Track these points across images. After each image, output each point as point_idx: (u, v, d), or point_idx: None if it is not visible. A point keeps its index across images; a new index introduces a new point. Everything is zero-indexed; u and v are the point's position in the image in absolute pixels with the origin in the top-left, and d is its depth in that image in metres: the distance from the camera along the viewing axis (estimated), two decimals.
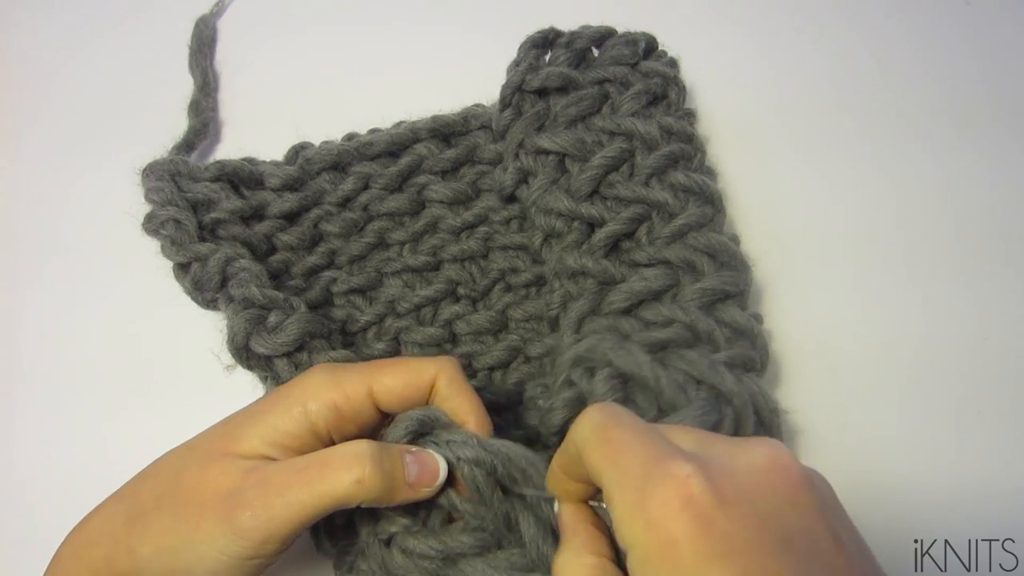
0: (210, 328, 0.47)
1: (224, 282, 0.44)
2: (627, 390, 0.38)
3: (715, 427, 0.36)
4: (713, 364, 0.38)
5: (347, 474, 0.34)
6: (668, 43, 0.53)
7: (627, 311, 0.44)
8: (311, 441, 0.37)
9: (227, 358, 0.44)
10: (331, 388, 0.37)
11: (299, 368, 0.42)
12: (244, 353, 0.43)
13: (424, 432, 0.38)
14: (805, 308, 0.52)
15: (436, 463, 0.36)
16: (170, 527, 0.34)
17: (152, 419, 0.49)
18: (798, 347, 0.51)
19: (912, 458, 0.47)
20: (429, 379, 0.38)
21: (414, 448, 0.37)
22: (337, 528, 0.40)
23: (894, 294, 0.53)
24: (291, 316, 0.43)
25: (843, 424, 0.48)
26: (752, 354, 0.41)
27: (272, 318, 0.43)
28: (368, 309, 0.51)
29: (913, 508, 0.45)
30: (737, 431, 0.37)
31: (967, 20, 0.63)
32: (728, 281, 0.43)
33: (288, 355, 0.43)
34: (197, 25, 0.59)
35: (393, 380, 0.38)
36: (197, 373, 0.49)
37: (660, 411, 0.37)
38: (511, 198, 0.52)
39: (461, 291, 0.52)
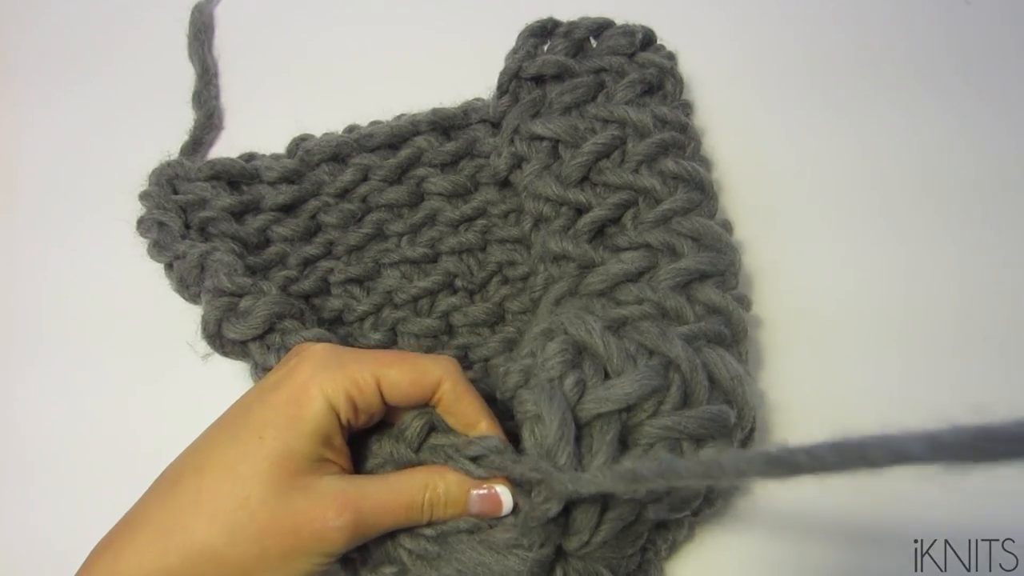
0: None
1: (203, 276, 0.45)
2: (577, 357, 0.39)
3: (660, 391, 0.37)
4: (664, 333, 0.38)
5: (420, 515, 0.37)
6: (669, 38, 0.53)
7: (604, 293, 0.45)
8: (342, 433, 0.37)
9: (203, 348, 0.44)
10: (342, 378, 0.37)
11: (271, 350, 0.42)
12: (218, 340, 0.43)
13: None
14: (799, 296, 0.52)
15: (501, 501, 0.37)
16: (259, 554, 0.34)
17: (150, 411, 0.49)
18: (792, 336, 0.50)
19: None
20: (435, 381, 0.38)
21: (484, 485, 0.37)
22: None
23: (897, 285, 0.52)
24: (259, 299, 0.43)
25: (840, 420, 0.48)
26: (723, 329, 0.41)
27: (243, 304, 0.43)
28: (365, 299, 0.51)
29: (913, 508, 0.45)
30: (687, 397, 0.38)
31: (966, 17, 0.62)
32: (705, 262, 0.43)
33: (260, 338, 0.43)
34: (193, 13, 0.59)
35: (400, 376, 0.38)
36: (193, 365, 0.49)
37: (607, 375, 0.38)
38: (505, 183, 0.52)
39: (458, 283, 0.52)
